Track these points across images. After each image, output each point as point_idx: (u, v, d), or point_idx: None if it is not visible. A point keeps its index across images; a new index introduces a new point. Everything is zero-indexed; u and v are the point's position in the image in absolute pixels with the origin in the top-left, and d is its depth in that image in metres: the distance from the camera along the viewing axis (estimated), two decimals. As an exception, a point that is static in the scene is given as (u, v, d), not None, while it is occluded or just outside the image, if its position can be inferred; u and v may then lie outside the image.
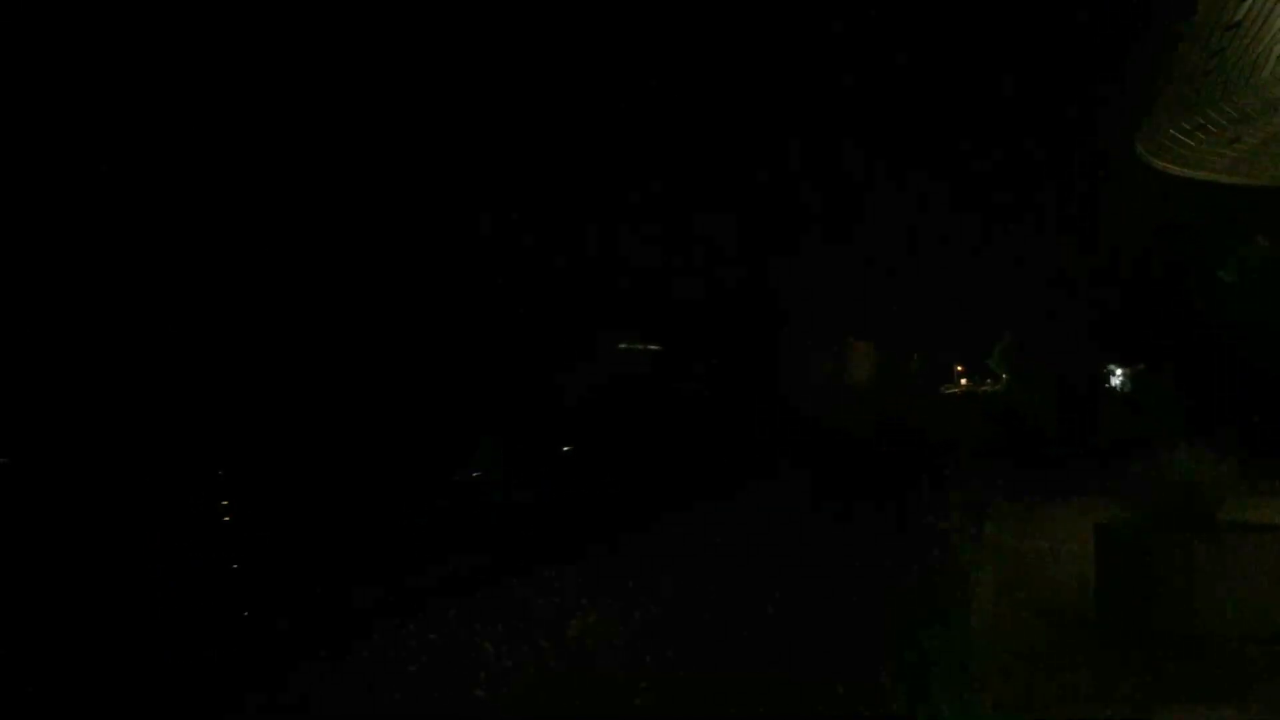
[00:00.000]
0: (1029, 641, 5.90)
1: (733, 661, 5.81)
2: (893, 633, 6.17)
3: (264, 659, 6.74)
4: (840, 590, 7.41)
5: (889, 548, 9.27)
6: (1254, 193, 9.81)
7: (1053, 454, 16.98)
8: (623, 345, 26.19)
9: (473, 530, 11.85)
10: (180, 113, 13.21)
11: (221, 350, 13.58)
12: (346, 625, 7.26)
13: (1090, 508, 8.49)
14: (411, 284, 16.97)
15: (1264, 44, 7.03)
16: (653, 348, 26.81)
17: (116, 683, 6.41)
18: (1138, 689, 4.89)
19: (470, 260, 18.06)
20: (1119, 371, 28.75)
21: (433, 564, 9.57)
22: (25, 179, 11.94)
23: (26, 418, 11.29)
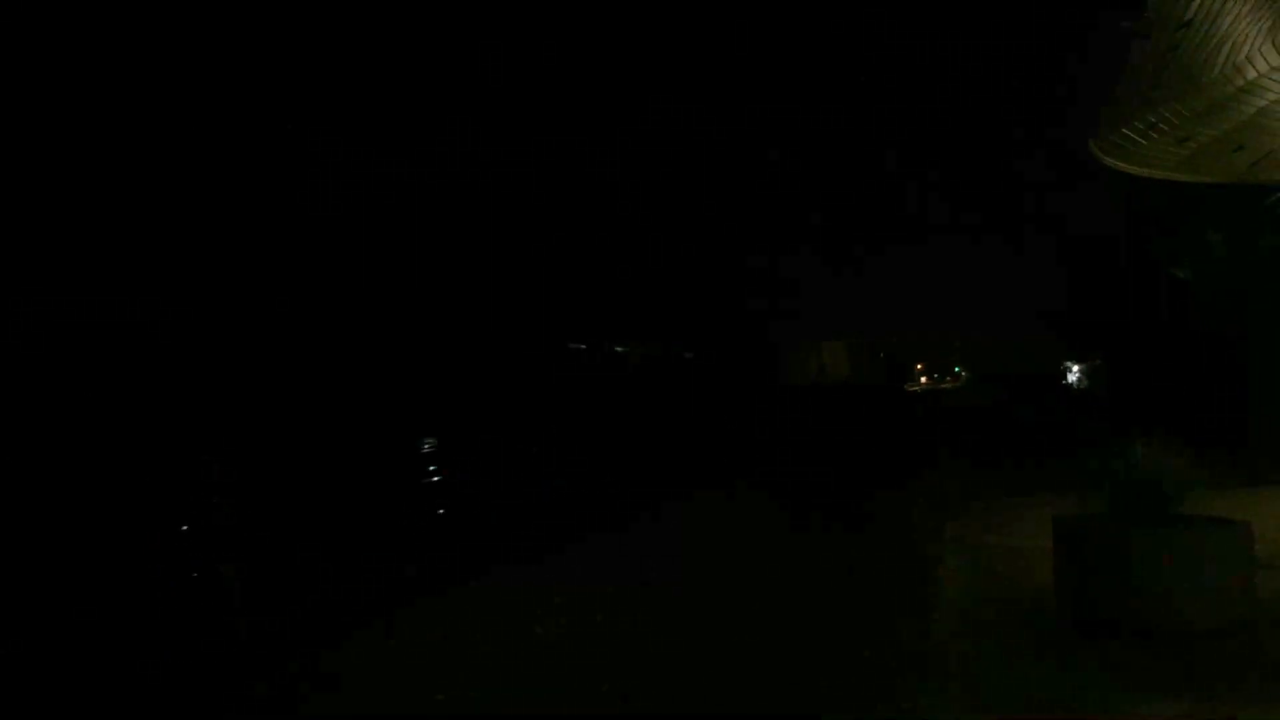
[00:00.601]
0: (988, 633, 5.93)
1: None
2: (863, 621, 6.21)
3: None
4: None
5: (853, 546, 9.35)
6: (1208, 189, 9.97)
7: (1013, 448, 17.17)
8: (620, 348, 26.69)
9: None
10: (174, 118, 13.06)
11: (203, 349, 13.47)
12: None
13: (1049, 501, 8.56)
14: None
15: (1214, 42, 7.12)
16: (618, 348, 27.08)
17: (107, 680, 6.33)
18: (1095, 681, 4.92)
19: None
20: (1075, 368, 29.13)
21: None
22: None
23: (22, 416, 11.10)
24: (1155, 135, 8.74)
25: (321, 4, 13.88)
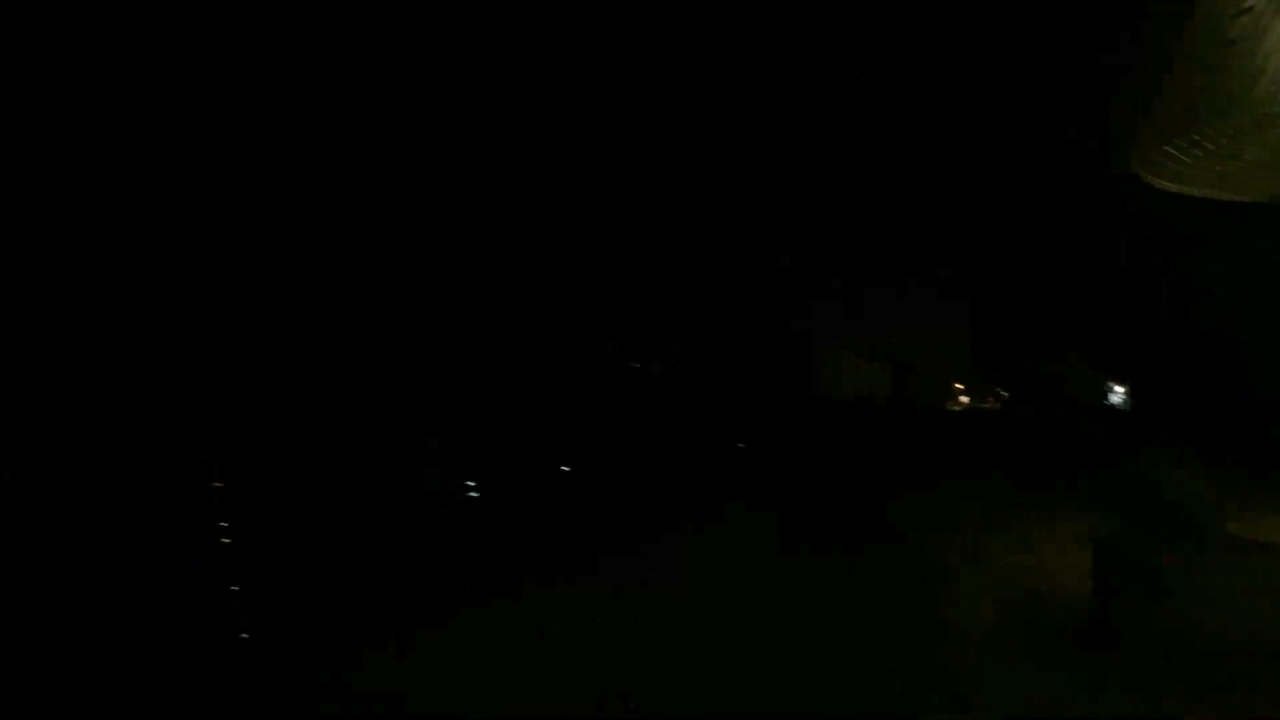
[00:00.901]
0: (1025, 654, 5.88)
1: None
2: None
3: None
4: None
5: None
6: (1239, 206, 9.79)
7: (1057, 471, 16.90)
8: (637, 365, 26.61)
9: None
10: (173, 117, 13.28)
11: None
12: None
13: (1072, 517, 8.47)
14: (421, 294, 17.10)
15: (1259, 58, 7.02)
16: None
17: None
18: (1118, 700, 4.87)
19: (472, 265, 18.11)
20: (1118, 389, 28.64)
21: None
22: (27, 174, 12.02)
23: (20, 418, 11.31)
24: (1199, 154, 8.61)
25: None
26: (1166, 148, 8.89)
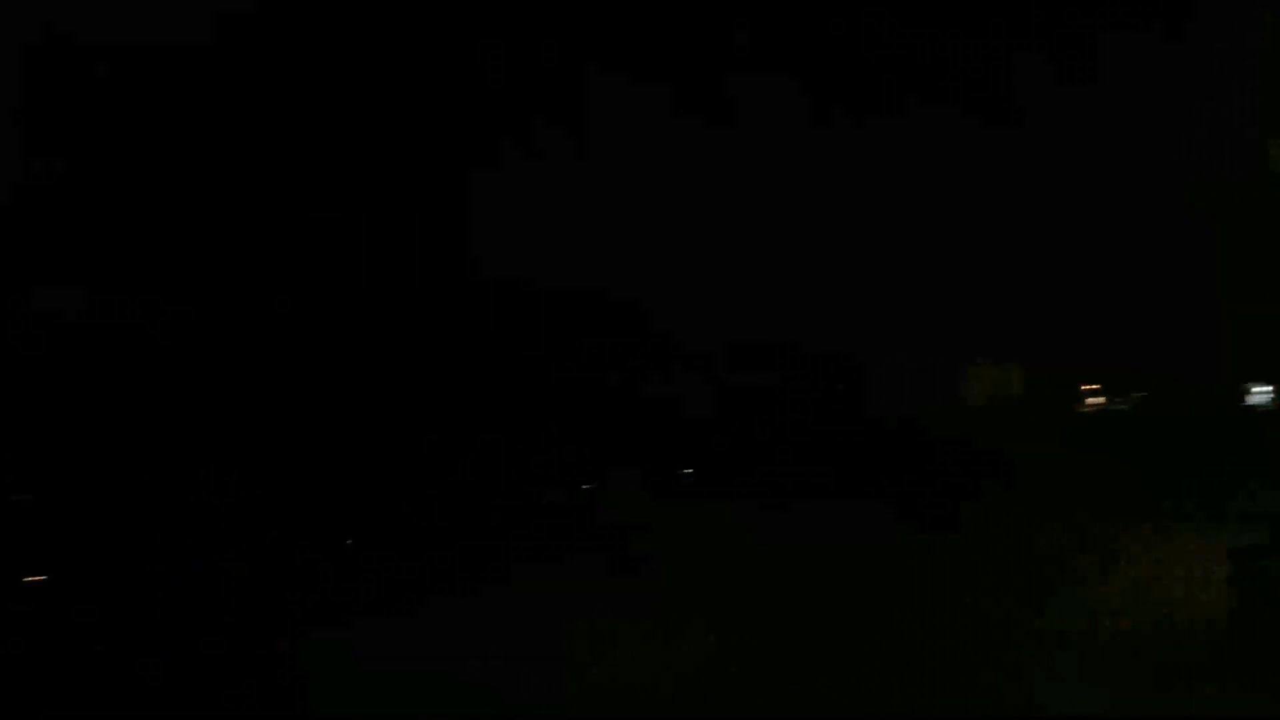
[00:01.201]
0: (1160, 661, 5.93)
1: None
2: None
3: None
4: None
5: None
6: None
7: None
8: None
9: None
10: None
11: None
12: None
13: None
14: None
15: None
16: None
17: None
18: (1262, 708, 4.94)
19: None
20: (1258, 389, 27.17)
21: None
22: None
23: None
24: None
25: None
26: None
